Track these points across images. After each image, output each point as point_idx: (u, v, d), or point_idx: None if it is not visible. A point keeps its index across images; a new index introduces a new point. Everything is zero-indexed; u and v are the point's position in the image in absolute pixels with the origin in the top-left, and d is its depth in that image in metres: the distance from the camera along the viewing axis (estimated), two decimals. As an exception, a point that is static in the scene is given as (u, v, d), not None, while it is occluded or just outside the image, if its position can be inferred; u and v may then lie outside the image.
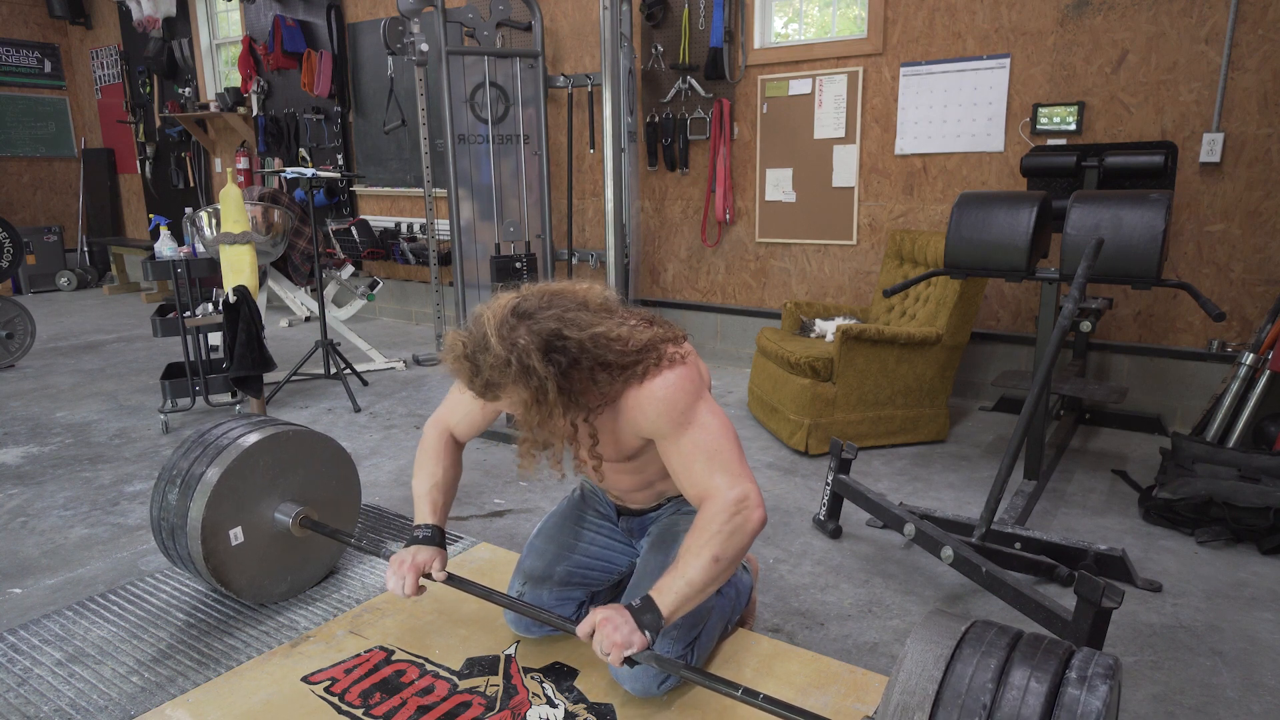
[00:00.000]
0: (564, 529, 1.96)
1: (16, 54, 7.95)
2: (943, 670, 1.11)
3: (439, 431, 1.85)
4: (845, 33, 4.26)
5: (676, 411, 1.52)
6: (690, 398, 1.53)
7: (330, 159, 6.39)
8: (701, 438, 1.53)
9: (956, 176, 3.91)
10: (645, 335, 1.53)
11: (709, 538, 1.47)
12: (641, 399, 1.52)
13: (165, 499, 2.08)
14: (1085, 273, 2.48)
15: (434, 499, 1.80)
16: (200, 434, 2.17)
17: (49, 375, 4.75)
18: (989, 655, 1.12)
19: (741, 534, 1.48)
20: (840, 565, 2.42)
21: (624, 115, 4.07)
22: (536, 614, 1.70)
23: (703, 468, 1.52)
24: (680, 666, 1.48)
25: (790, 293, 4.53)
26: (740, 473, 1.52)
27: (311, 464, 2.22)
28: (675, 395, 1.52)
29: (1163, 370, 3.58)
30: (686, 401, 1.53)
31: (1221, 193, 3.35)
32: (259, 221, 4.36)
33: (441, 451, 1.83)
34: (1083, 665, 1.09)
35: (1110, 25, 3.45)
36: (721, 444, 1.53)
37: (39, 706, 1.78)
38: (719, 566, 1.47)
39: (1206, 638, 2.02)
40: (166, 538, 2.11)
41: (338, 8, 6.02)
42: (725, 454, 1.52)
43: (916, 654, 1.14)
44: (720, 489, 1.50)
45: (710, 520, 1.48)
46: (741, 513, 1.48)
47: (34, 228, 7.96)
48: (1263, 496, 2.51)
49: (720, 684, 1.41)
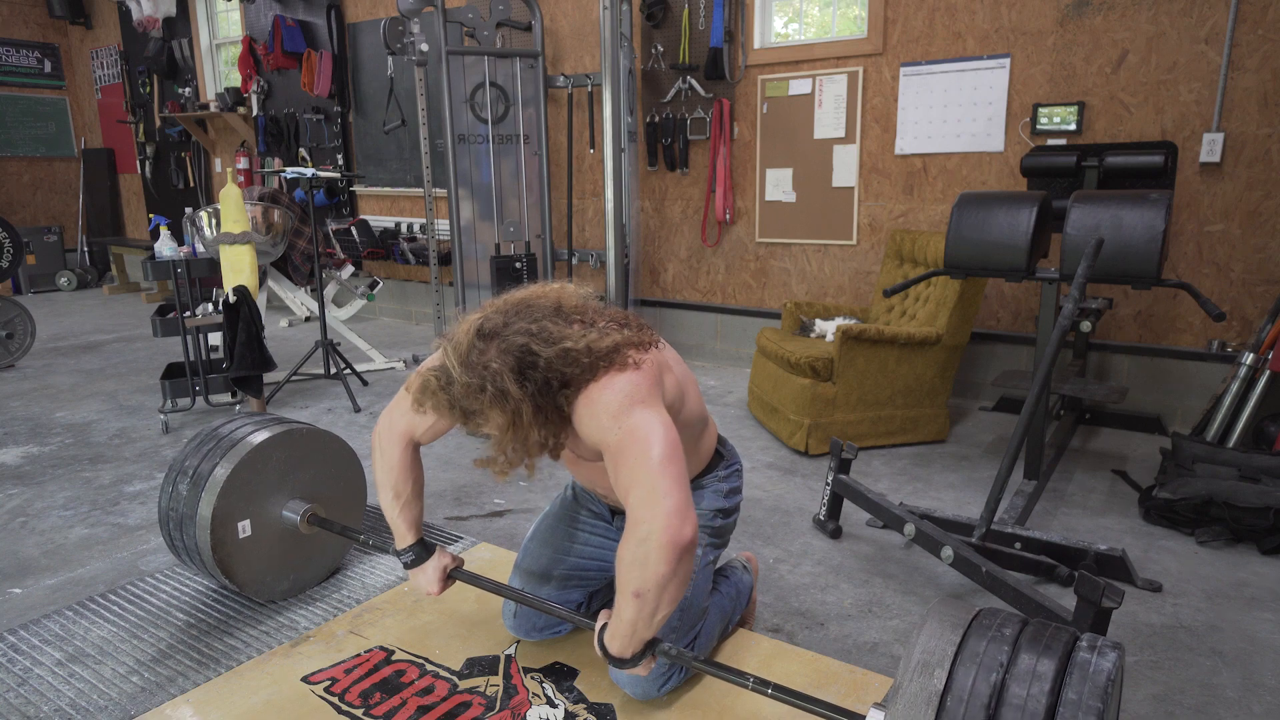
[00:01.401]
0: (557, 531, 1.95)
1: (16, 54, 7.95)
2: (961, 634, 1.14)
3: (401, 442, 1.73)
4: (845, 33, 4.26)
5: (609, 417, 1.40)
6: (626, 401, 1.41)
7: (330, 159, 6.39)
8: (630, 448, 1.39)
9: (956, 176, 3.91)
10: (609, 340, 1.45)
11: (626, 573, 1.38)
12: (585, 405, 1.43)
13: (176, 489, 2.10)
14: (1085, 273, 2.48)
15: (408, 517, 1.77)
16: (214, 429, 2.19)
17: (49, 375, 4.75)
18: (1004, 626, 1.15)
19: (658, 564, 1.33)
20: (840, 565, 2.42)
21: (624, 115, 4.07)
22: (551, 609, 1.71)
23: (625, 481, 1.39)
24: (691, 658, 1.48)
25: (790, 293, 4.54)
26: (660, 489, 1.35)
27: (321, 462, 2.24)
28: (611, 399, 1.41)
29: (1163, 370, 3.58)
30: (621, 405, 1.40)
31: (1221, 193, 3.35)
32: (259, 221, 4.36)
33: (407, 466, 1.74)
34: (1091, 640, 1.13)
35: (1110, 25, 3.45)
36: (646, 455, 1.37)
37: (39, 706, 1.78)
38: (644, 602, 1.37)
39: (1206, 638, 2.02)
40: (174, 529, 2.11)
41: (338, 8, 6.02)
42: (648, 467, 1.36)
43: (934, 624, 1.17)
44: (632, 508, 1.37)
45: (624, 551, 1.38)
46: (646, 541, 1.34)
47: (34, 228, 7.96)
48: (1263, 496, 2.51)
49: (732, 674, 1.43)
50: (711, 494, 1.85)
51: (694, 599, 1.75)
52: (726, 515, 1.87)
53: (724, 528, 1.88)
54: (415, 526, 1.79)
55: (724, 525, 1.87)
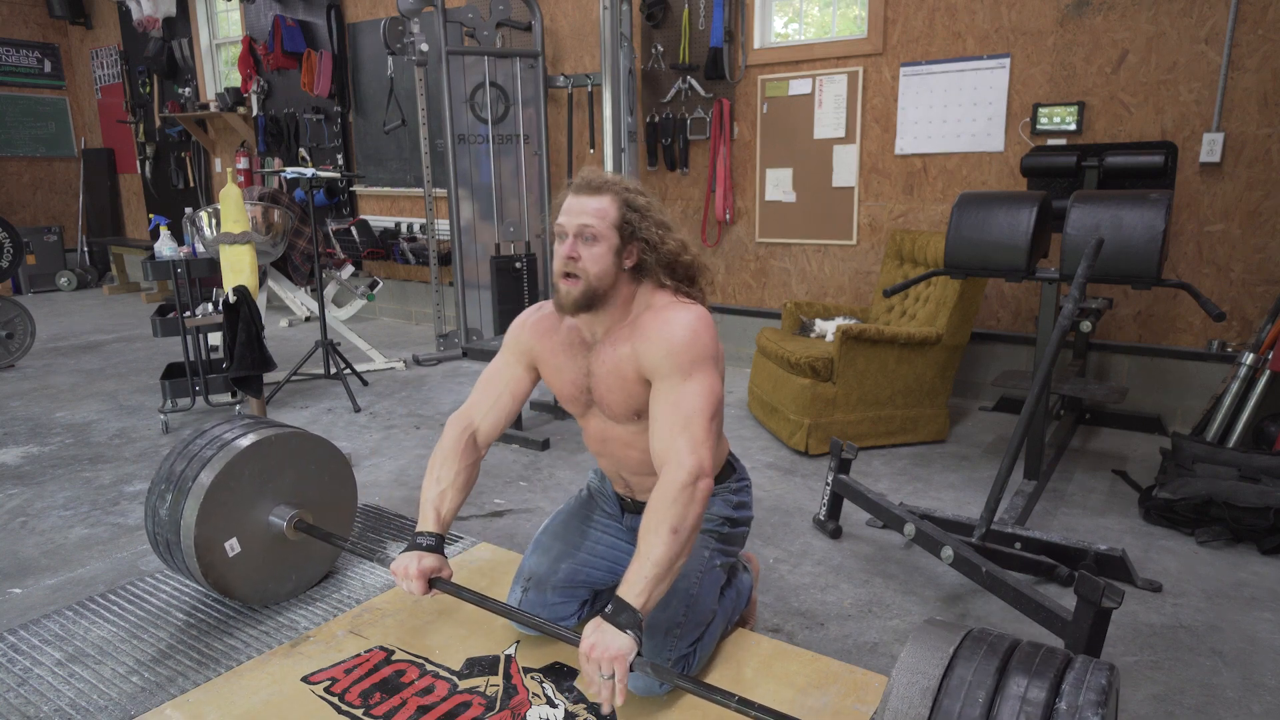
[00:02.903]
0: (570, 527, 1.97)
1: (16, 54, 7.95)
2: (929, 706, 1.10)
3: (459, 430, 1.81)
4: (845, 33, 4.26)
5: (685, 348, 1.56)
6: (705, 348, 1.57)
7: (330, 159, 6.39)
8: (692, 393, 1.55)
9: (956, 176, 3.91)
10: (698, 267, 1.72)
11: (665, 511, 1.46)
12: (660, 323, 1.58)
13: (157, 514, 2.05)
14: (1085, 273, 2.48)
15: (438, 505, 1.77)
16: (184, 444, 2.12)
17: (49, 375, 4.75)
18: (977, 688, 1.09)
19: (695, 503, 1.48)
20: (840, 565, 2.42)
21: (624, 115, 4.07)
22: (540, 625, 1.66)
23: (678, 425, 1.53)
24: (675, 675, 1.45)
25: (790, 293, 4.53)
26: (704, 441, 1.53)
27: (301, 465, 2.19)
28: (691, 338, 1.56)
29: (1163, 370, 3.58)
30: (699, 351, 1.56)
31: (1221, 193, 3.35)
32: (259, 221, 4.36)
33: (458, 453, 1.79)
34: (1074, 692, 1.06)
35: (1110, 25, 3.45)
36: (703, 408, 1.54)
37: (39, 706, 1.78)
38: (679, 538, 1.46)
39: (1206, 638, 2.02)
40: (164, 551, 2.09)
41: (338, 8, 6.02)
42: (699, 420, 1.53)
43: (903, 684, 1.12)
44: (680, 453, 1.51)
45: (665, 491, 1.48)
46: (697, 482, 1.49)
47: (34, 228, 7.96)
48: (1263, 496, 2.51)
49: (716, 694, 1.39)
50: (721, 503, 1.86)
51: (703, 598, 1.75)
52: (735, 525, 1.88)
53: (731, 536, 1.88)
54: (439, 517, 1.77)
55: (732, 534, 1.87)
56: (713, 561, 1.82)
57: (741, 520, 1.90)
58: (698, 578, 1.76)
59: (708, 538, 1.83)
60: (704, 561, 1.79)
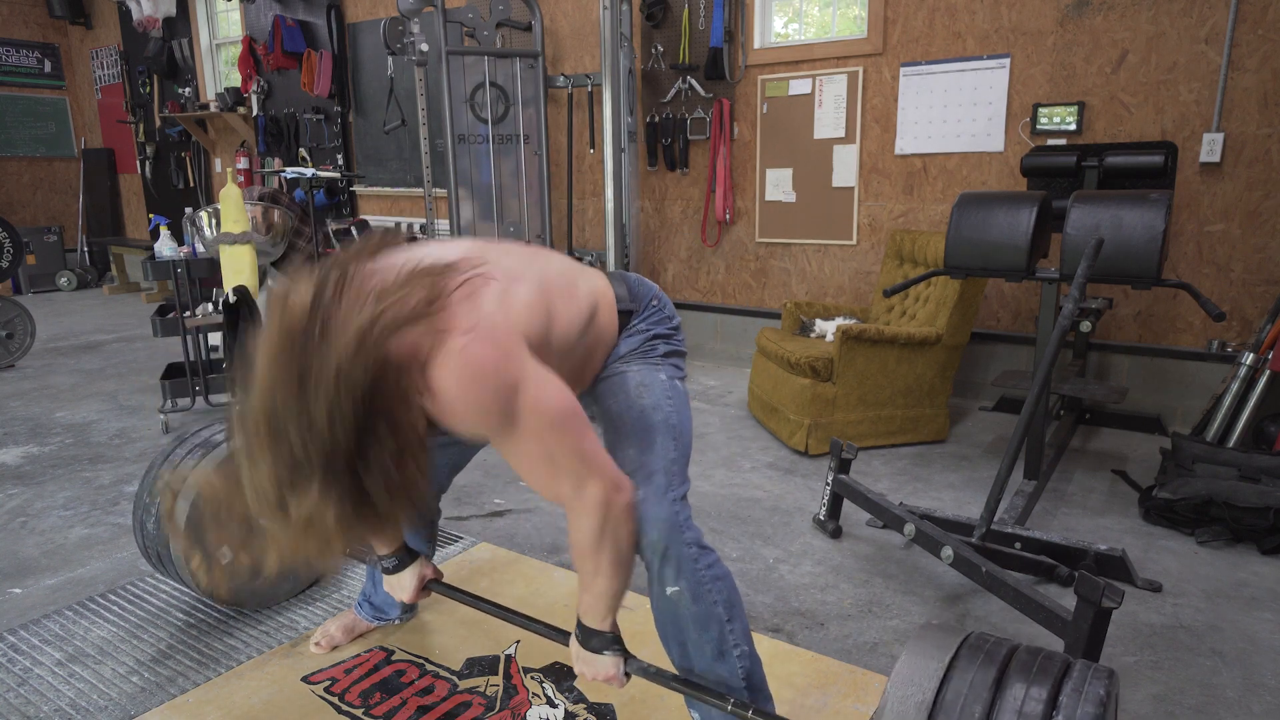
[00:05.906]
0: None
1: (16, 54, 7.95)
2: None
3: None
4: (845, 33, 4.25)
5: (480, 413, 1.19)
6: (497, 386, 1.17)
7: (330, 159, 6.39)
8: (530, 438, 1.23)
9: (956, 176, 3.91)
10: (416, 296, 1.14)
11: (598, 555, 1.33)
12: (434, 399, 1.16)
13: (145, 529, 2.04)
14: (1085, 273, 2.48)
15: None
16: (165, 454, 2.09)
17: (49, 375, 4.75)
18: (973, 701, 1.07)
19: (621, 526, 1.32)
20: (840, 565, 2.42)
21: (624, 115, 4.07)
22: (535, 628, 1.64)
23: (547, 476, 1.28)
24: (669, 678, 1.45)
25: (790, 293, 4.54)
26: (585, 465, 1.28)
27: None
28: (472, 392, 1.16)
29: (1163, 370, 3.58)
30: (492, 395, 1.17)
31: (1221, 193, 3.35)
32: (259, 221, 4.35)
33: None
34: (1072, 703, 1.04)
35: (1110, 25, 3.45)
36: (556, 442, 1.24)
37: (39, 706, 1.78)
38: (621, 562, 1.36)
39: (1206, 638, 2.02)
40: (156, 563, 2.09)
41: (338, 8, 6.02)
42: (563, 457, 1.26)
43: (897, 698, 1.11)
44: (573, 499, 1.30)
45: (583, 537, 1.32)
46: (609, 510, 1.30)
47: (34, 228, 7.96)
48: (1263, 496, 2.51)
49: (714, 695, 1.40)
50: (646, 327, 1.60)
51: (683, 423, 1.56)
52: (673, 335, 1.62)
53: (676, 349, 1.62)
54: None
55: (675, 347, 1.62)
56: (673, 380, 1.58)
57: (675, 327, 1.64)
58: (671, 405, 1.54)
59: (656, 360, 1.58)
60: (667, 386, 1.56)
